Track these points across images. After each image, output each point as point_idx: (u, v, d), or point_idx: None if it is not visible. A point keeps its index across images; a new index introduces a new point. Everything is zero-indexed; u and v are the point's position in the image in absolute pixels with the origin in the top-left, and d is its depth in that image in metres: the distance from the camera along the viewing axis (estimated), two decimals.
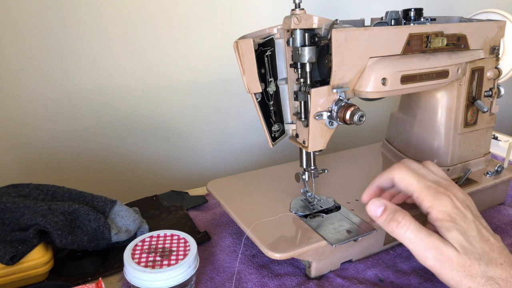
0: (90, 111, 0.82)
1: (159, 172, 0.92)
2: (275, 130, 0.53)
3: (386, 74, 0.50)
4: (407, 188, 0.45)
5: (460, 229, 0.41)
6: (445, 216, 0.42)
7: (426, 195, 0.43)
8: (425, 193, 0.43)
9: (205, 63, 0.89)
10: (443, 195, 0.43)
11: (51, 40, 0.74)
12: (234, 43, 0.46)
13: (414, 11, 0.57)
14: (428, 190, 0.43)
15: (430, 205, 0.43)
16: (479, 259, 0.40)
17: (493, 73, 0.62)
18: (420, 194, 0.44)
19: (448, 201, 0.42)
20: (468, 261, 0.39)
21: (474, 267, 0.39)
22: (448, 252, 0.40)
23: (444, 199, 0.42)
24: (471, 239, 0.41)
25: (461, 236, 0.40)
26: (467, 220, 0.42)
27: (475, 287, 0.39)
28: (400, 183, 0.46)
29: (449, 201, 0.42)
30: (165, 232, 0.50)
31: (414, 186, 0.44)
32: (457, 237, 0.40)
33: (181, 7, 0.83)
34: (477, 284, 0.39)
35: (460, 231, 0.41)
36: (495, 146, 0.91)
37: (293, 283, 0.51)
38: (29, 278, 0.49)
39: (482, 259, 0.40)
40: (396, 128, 0.71)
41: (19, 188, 0.55)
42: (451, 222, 0.41)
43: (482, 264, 0.39)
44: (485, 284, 0.39)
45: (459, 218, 0.42)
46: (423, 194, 0.43)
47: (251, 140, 1.01)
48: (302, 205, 0.57)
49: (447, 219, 0.41)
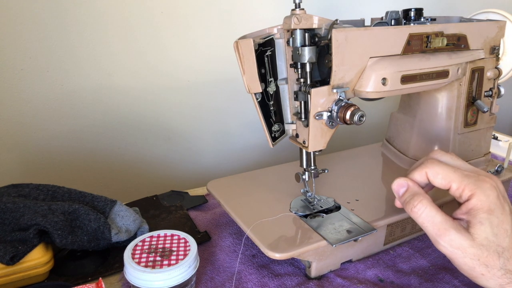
0: (90, 111, 0.82)
1: (159, 172, 0.92)
2: (275, 130, 0.53)
3: (386, 74, 0.50)
4: (445, 181, 0.43)
5: (494, 221, 0.40)
6: (483, 206, 0.40)
7: (467, 183, 0.41)
8: (466, 181, 0.41)
9: (205, 63, 0.89)
10: (486, 183, 0.41)
11: (51, 40, 0.74)
12: (234, 43, 0.46)
13: (414, 11, 0.57)
14: (468, 178, 0.41)
15: (472, 193, 0.41)
16: (501, 252, 0.39)
17: (493, 73, 0.62)
18: (461, 183, 0.41)
19: (492, 190, 0.41)
20: (485, 252, 0.39)
21: (492, 258, 0.39)
22: (460, 241, 0.40)
23: (487, 188, 0.41)
24: (501, 232, 0.40)
25: (490, 229, 0.40)
26: (505, 212, 0.40)
27: (489, 277, 0.39)
28: (436, 177, 0.43)
29: (493, 190, 0.41)
30: (165, 232, 0.50)
31: (452, 177, 0.42)
32: (485, 229, 0.40)
33: (181, 7, 0.83)
34: (492, 275, 0.39)
35: (493, 224, 0.40)
36: (495, 146, 0.91)
37: (293, 283, 0.51)
38: (29, 278, 0.49)
39: (505, 253, 0.39)
40: (396, 128, 0.71)
41: (19, 188, 0.55)
42: (487, 213, 0.40)
43: (502, 258, 0.39)
44: (502, 277, 0.39)
45: (498, 209, 0.40)
46: (464, 182, 0.41)
47: (251, 140, 1.01)
48: (302, 205, 0.57)
49: (485, 210, 0.40)
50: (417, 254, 0.56)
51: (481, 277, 0.40)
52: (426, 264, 0.55)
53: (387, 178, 0.67)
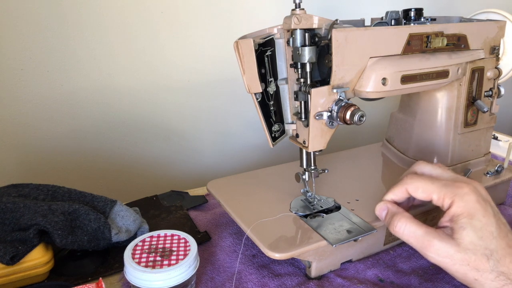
0: (90, 111, 0.82)
1: (159, 172, 0.92)
2: (275, 130, 0.53)
3: (386, 74, 0.50)
4: (425, 194, 0.44)
5: (477, 225, 0.40)
6: (463, 212, 0.41)
7: (446, 192, 0.42)
8: (444, 190, 0.42)
9: (205, 63, 0.89)
10: (463, 189, 0.41)
11: (51, 40, 0.74)
12: (234, 43, 0.46)
13: (414, 11, 0.57)
14: (446, 187, 0.42)
15: (451, 200, 0.41)
16: (490, 254, 0.39)
17: (493, 73, 0.62)
18: (440, 193, 0.42)
19: (470, 194, 0.41)
20: (473, 256, 0.39)
21: (481, 262, 0.39)
22: (445, 249, 0.40)
23: (465, 193, 0.41)
24: (486, 234, 0.40)
25: (473, 233, 0.40)
26: (487, 214, 0.41)
27: (483, 281, 0.39)
28: (416, 192, 0.44)
29: (471, 194, 0.41)
30: (165, 232, 0.50)
31: (431, 188, 0.43)
32: (468, 234, 0.40)
33: (181, 7, 0.83)
34: (485, 279, 0.39)
35: (476, 228, 0.40)
36: (495, 146, 0.91)
37: (293, 283, 0.51)
38: (29, 278, 0.49)
39: (494, 255, 0.39)
40: (396, 128, 0.71)
41: (19, 188, 0.55)
42: (468, 218, 0.40)
43: (492, 260, 0.39)
44: (495, 279, 0.39)
45: (479, 212, 0.40)
46: (442, 192, 0.42)
47: (251, 140, 1.01)
48: (302, 205, 0.57)
49: (465, 215, 0.40)
50: (417, 254, 0.56)
51: (475, 282, 0.40)
52: (426, 264, 0.55)
53: (387, 178, 0.67)
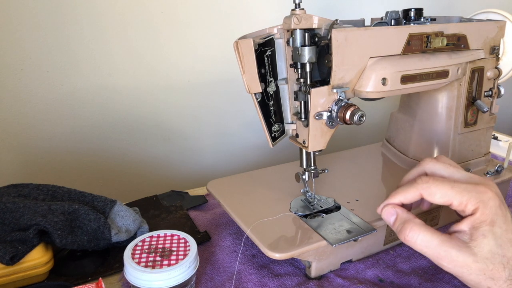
0: (90, 111, 0.82)
1: (159, 172, 0.92)
2: (275, 130, 0.53)
3: (386, 74, 0.50)
4: (443, 199, 0.41)
5: (497, 232, 0.39)
6: (487, 219, 0.39)
7: (469, 197, 0.39)
8: (467, 196, 0.39)
9: (205, 63, 0.89)
10: (487, 194, 0.39)
11: (51, 40, 0.74)
12: (234, 43, 0.46)
13: (414, 11, 0.57)
14: (468, 192, 0.40)
15: (475, 207, 0.39)
16: (506, 263, 0.38)
17: (493, 73, 0.62)
18: (462, 198, 0.40)
19: (494, 200, 0.39)
20: (491, 266, 0.38)
21: (498, 271, 0.38)
22: (463, 259, 0.38)
23: (489, 199, 0.39)
24: (505, 241, 0.39)
25: (494, 241, 0.38)
26: (507, 221, 0.39)
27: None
28: (433, 197, 0.41)
29: (495, 199, 0.39)
30: (165, 232, 0.50)
31: (450, 194, 0.40)
32: (488, 242, 0.38)
33: (181, 7, 0.83)
34: (498, 287, 0.38)
35: (496, 235, 0.39)
36: (495, 146, 0.91)
37: (293, 283, 0.51)
38: (29, 278, 0.49)
39: (510, 263, 0.38)
40: (396, 128, 0.71)
41: (19, 188, 0.55)
42: (490, 225, 0.39)
43: (508, 268, 0.38)
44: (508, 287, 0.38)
45: (500, 219, 0.39)
46: (465, 197, 0.39)
47: (251, 140, 1.01)
48: (302, 205, 0.57)
49: (487, 222, 0.39)
50: (417, 254, 0.56)
51: None
52: (426, 264, 0.55)
53: (387, 178, 0.67)
